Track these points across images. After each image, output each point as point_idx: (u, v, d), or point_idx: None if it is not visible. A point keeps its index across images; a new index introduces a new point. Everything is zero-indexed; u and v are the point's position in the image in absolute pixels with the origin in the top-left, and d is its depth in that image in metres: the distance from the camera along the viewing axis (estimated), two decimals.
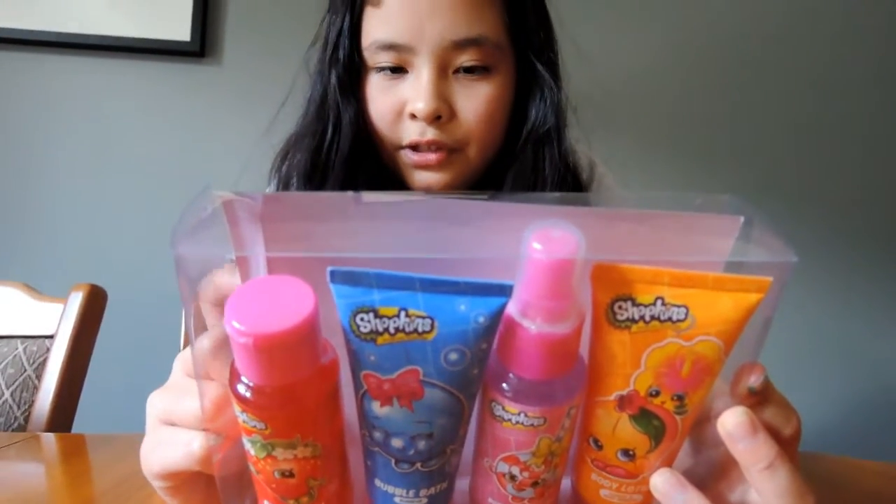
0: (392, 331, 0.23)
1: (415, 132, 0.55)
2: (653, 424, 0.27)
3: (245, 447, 0.25)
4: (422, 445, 0.26)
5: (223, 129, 1.36)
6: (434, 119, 0.54)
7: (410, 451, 0.26)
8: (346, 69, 0.57)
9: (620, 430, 0.27)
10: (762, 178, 1.39)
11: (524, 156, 0.59)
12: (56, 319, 0.78)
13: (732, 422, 0.25)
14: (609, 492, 0.29)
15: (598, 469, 0.29)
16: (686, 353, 0.25)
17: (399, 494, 0.28)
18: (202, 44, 1.34)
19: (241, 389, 0.23)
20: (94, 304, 0.79)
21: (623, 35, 1.36)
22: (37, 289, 0.83)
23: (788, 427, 0.27)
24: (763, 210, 0.26)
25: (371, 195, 0.27)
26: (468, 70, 0.54)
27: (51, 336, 0.78)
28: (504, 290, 0.24)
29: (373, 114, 0.57)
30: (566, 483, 0.32)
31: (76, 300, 0.78)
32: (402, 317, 0.23)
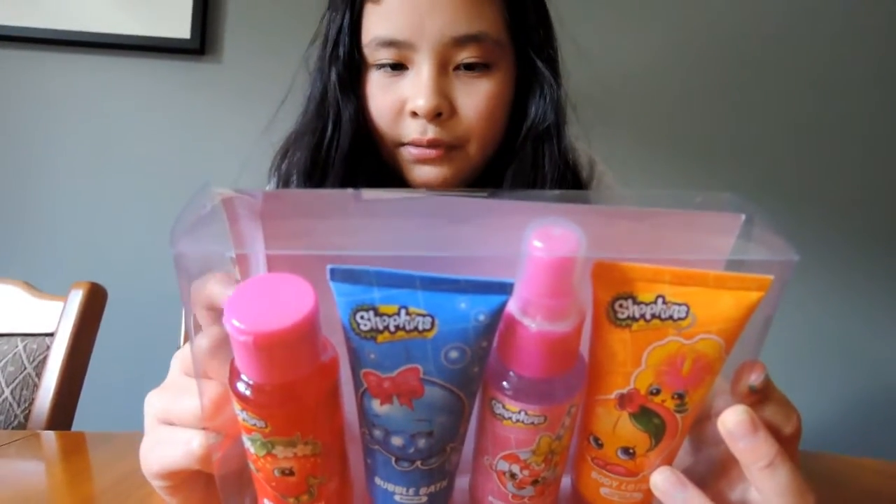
0: (392, 329, 0.23)
1: (415, 130, 0.55)
2: (653, 423, 0.27)
3: (245, 445, 0.25)
4: (422, 443, 0.26)
5: (223, 127, 1.36)
6: (435, 116, 0.54)
7: (410, 450, 0.26)
8: (347, 66, 0.57)
9: (621, 429, 0.27)
10: (762, 178, 1.39)
11: (524, 153, 0.58)
12: (56, 317, 0.78)
13: (733, 420, 0.25)
14: (609, 490, 0.29)
15: (599, 467, 0.29)
16: (687, 352, 0.25)
17: (399, 492, 0.28)
18: (202, 41, 1.34)
19: (241, 387, 0.23)
20: (94, 302, 0.79)
21: (623, 34, 1.36)
22: (37, 287, 0.83)
23: (789, 425, 0.27)
24: (764, 208, 0.26)
25: (371, 192, 0.27)
26: (468, 67, 0.54)
27: (51, 334, 0.78)
28: (504, 288, 0.24)
29: (373, 111, 0.57)
30: (566, 481, 0.32)
31: (76, 298, 0.78)
32: (403, 315, 0.23)
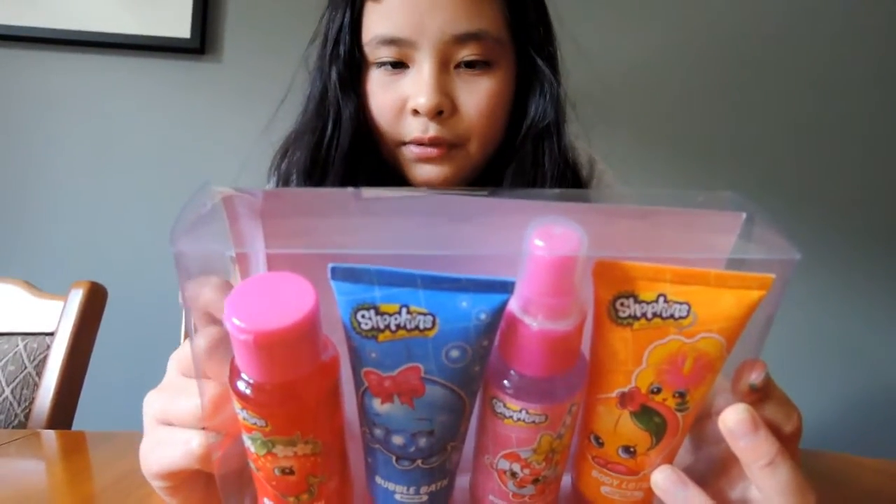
0: (393, 328, 0.23)
1: (417, 129, 0.55)
2: (654, 421, 0.27)
3: (245, 444, 0.25)
4: (423, 442, 0.26)
5: (223, 127, 1.36)
6: (436, 114, 0.54)
7: (411, 449, 0.26)
8: (347, 65, 0.57)
9: (622, 427, 0.27)
10: (762, 178, 1.39)
11: (524, 151, 0.58)
12: (56, 316, 0.78)
13: (734, 419, 0.25)
14: (610, 489, 0.29)
15: (599, 466, 0.29)
16: (688, 350, 0.25)
17: (400, 491, 0.28)
18: (202, 41, 1.33)
19: (242, 386, 0.23)
20: (95, 302, 0.79)
21: (623, 33, 1.36)
22: (37, 286, 0.83)
23: (789, 424, 0.27)
24: (764, 207, 0.26)
25: (371, 191, 0.27)
26: (469, 65, 0.54)
27: (51, 333, 0.78)
28: (506, 287, 0.24)
29: (374, 109, 0.57)
30: (567, 480, 0.31)
31: (76, 297, 0.78)
32: (404, 313, 0.23)
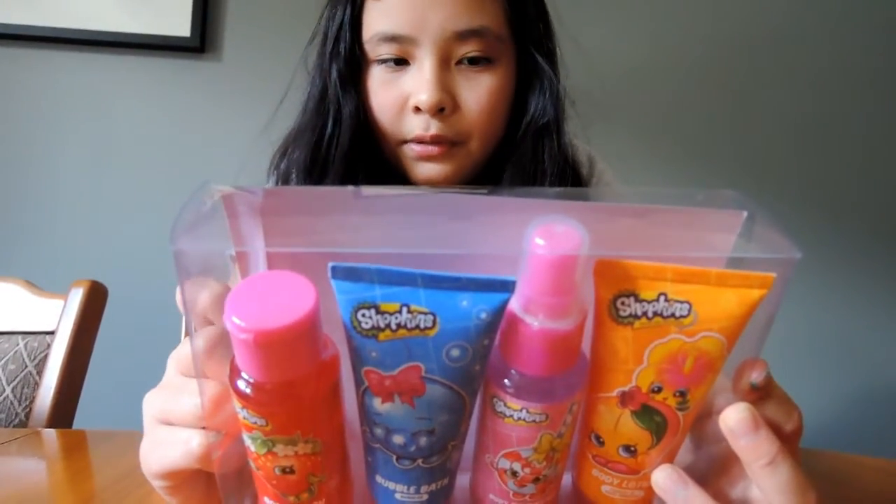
0: (394, 327, 0.23)
1: (418, 126, 0.55)
2: (654, 420, 0.27)
3: (245, 444, 0.25)
4: (423, 442, 0.26)
5: (223, 125, 1.36)
6: (438, 111, 0.54)
7: (412, 448, 0.26)
8: (347, 62, 0.56)
9: (622, 426, 0.27)
10: (762, 178, 1.39)
11: (524, 147, 0.58)
12: (57, 316, 0.78)
13: (734, 418, 0.25)
14: (610, 488, 0.29)
15: (600, 465, 0.29)
16: (689, 350, 0.25)
17: (400, 491, 0.28)
18: (202, 39, 1.33)
19: (242, 386, 0.23)
20: (95, 301, 0.79)
21: (623, 32, 1.36)
22: (37, 285, 0.83)
23: (790, 423, 0.27)
24: (765, 206, 0.26)
25: (371, 190, 0.27)
26: (471, 61, 0.54)
27: (52, 332, 0.78)
28: (506, 286, 0.24)
29: (375, 107, 0.57)
30: (567, 479, 0.31)
31: (77, 296, 0.78)
32: (404, 313, 0.23)
